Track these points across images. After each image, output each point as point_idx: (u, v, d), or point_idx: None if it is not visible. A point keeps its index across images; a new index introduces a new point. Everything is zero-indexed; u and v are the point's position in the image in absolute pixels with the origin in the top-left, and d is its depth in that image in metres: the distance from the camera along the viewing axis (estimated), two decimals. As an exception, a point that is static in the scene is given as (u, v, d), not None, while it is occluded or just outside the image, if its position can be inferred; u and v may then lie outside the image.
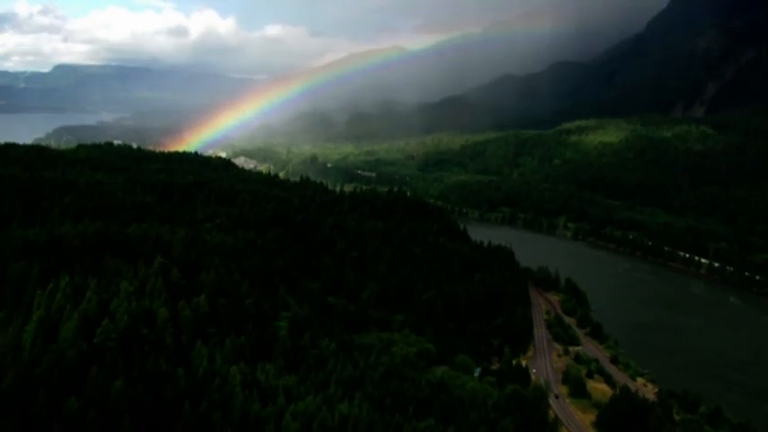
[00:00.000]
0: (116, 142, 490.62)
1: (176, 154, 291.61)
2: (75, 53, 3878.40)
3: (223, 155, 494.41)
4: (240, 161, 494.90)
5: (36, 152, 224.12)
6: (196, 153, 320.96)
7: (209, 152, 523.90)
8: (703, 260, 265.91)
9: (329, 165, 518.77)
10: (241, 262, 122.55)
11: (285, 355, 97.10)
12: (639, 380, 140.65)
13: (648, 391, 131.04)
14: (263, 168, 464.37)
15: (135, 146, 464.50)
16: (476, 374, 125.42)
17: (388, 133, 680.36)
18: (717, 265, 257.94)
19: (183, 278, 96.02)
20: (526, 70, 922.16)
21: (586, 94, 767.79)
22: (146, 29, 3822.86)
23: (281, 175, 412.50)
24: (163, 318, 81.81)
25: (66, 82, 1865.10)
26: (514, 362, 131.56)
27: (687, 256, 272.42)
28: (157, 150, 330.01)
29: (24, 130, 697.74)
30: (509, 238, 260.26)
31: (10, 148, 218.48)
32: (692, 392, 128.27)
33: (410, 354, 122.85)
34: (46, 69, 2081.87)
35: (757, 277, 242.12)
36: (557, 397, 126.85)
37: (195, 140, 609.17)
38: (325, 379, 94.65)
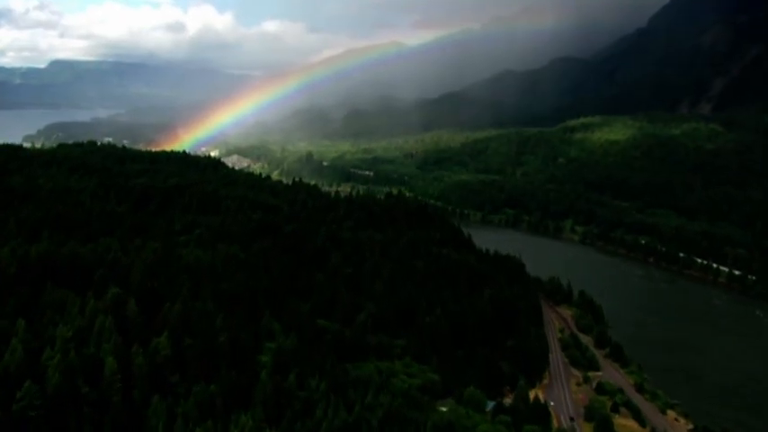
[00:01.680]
0: (106, 140, 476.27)
1: (163, 153, 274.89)
2: (71, 49, 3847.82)
3: (215, 153, 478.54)
4: (233, 160, 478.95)
5: (9, 152, 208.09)
6: (184, 152, 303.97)
7: (202, 150, 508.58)
8: (722, 268, 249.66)
9: (325, 163, 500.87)
10: (219, 284, 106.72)
11: (266, 403, 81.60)
12: (670, 413, 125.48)
13: (682, 428, 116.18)
14: (256, 167, 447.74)
15: (125, 143, 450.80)
16: (488, 409, 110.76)
17: (386, 130, 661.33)
18: (737, 273, 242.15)
19: (141, 313, 79.94)
20: (526, 66, 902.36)
21: (588, 91, 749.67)
22: (143, 24, 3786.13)
23: (275, 174, 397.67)
24: (111, 369, 66.20)
25: (62, 78, 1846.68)
26: (531, 395, 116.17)
27: (705, 263, 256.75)
28: (145, 150, 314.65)
29: (18, 127, 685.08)
30: (514, 242, 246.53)
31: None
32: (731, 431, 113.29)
33: (413, 387, 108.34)
34: (42, 65, 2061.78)
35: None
36: (572, 420, 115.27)
37: (190, 138, 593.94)
38: (313, 429, 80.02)
